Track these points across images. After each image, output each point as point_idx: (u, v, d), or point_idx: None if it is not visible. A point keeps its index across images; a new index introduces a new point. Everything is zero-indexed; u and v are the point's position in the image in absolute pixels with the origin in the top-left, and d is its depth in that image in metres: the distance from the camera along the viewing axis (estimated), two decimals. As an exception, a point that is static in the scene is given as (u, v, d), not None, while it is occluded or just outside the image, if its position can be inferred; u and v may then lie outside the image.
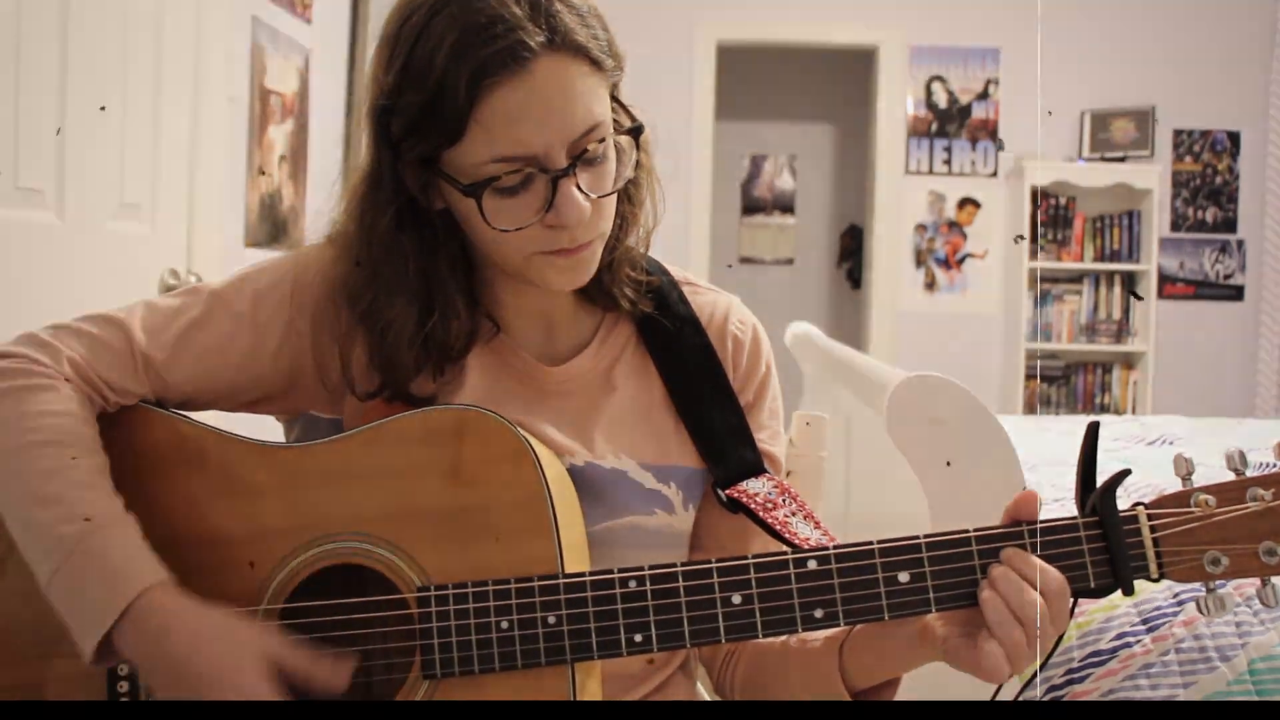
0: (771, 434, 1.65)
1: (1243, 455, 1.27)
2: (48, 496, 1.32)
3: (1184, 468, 1.28)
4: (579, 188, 1.38)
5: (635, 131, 1.47)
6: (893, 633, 1.39)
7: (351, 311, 1.49)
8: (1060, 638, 1.30)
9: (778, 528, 1.50)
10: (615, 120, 1.45)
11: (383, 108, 1.40)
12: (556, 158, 1.36)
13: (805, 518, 1.52)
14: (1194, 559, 1.27)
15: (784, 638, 1.53)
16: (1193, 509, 1.27)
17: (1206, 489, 1.28)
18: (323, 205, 1.55)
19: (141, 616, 1.28)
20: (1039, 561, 1.28)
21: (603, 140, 1.40)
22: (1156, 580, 1.28)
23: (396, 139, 1.41)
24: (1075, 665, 2.28)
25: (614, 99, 1.47)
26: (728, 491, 1.55)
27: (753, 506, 1.53)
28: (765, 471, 1.59)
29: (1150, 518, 1.28)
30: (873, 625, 1.39)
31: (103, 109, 2.90)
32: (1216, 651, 2.23)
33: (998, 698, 1.39)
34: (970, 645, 1.29)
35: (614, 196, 1.46)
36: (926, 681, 1.47)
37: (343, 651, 1.34)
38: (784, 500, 1.54)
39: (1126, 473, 1.28)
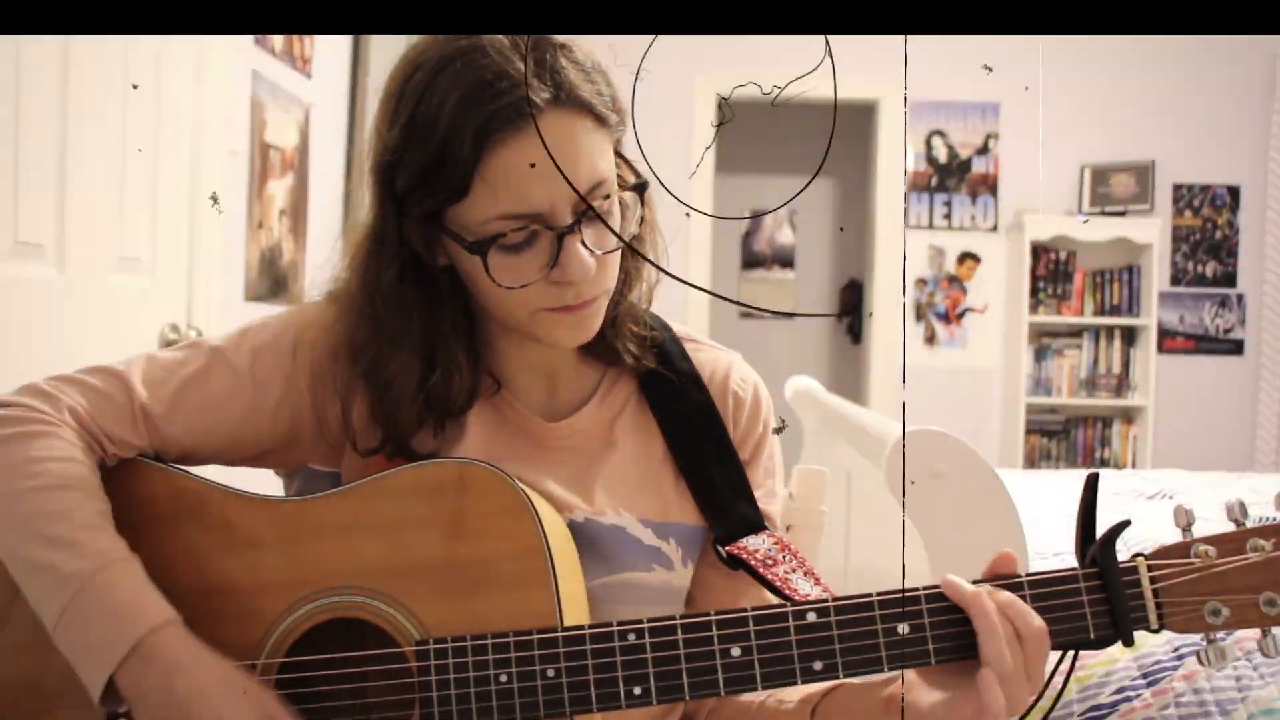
0: (767, 493, 1.64)
1: (1243, 506, 1.28)
2: (54, 538, 1.32)
3: (1184, 519, 1.29)
4: (584, 244, 1.38)
5: (640, 187, 1.47)
6: (861, 700, 1.39)
7: (353, 367, 1.49)
8: (1060, 693, 1.29)
9: (778, 584, 1.49)
10: (619, 176, 1.45)
11: (386, 164, 1.40)
12: (562, 214, 1.36)
13: (806, 574, 1.52)
14: (1194, 610, 1.27)
15: (761, 698, 1.53)
16: (1193, 560, 1.27)
17: (1206, 540, 1.28)
18: (323, 260, 1.56)
19: (150, 654, 1.28)
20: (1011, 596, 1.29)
21: (608, 196, 1.41)
22: (1156, 631, 1.28)
23: (400, 195, 1.41)
24: (1076, 720, 2.28)
25: (618, 154, 1.47)
26: (728, 548, 1.55)
27: (753, 563, 1.52)
28: (764, 528, 1.59)
29: (1150, 568, 1.28)
30: (845, 691, 1.41)
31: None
32: (1216, 705, 2.22)
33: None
34: (958, 699, 1.28)
35: (619, 252, 1.47)
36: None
37: (339, 705, 1.34)
38: (784, 557, 1.54)
39: (1126, 524, 1.28)
